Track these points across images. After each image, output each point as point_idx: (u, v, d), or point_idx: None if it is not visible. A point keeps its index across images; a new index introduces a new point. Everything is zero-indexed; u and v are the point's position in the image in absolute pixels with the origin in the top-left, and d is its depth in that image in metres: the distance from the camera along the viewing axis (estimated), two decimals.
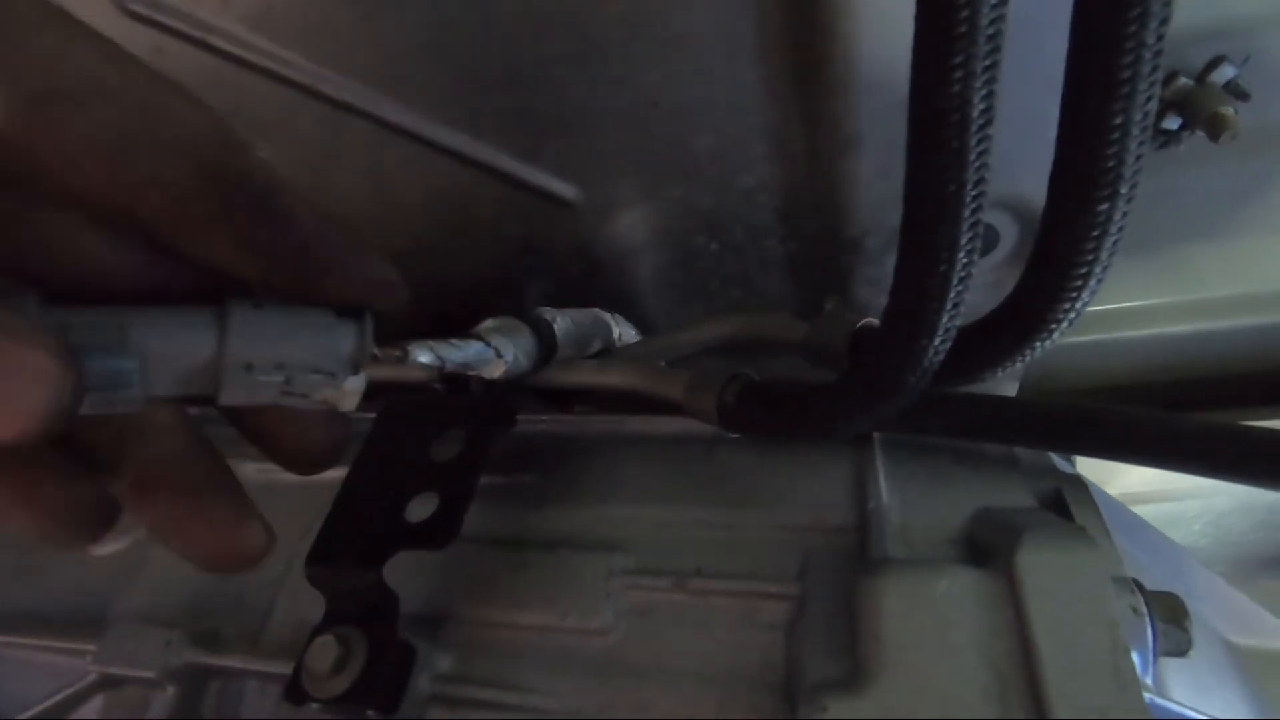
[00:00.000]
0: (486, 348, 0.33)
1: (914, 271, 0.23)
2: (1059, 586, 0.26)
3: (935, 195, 0.22)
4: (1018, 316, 0.26)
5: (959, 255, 0.22)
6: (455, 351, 0.31)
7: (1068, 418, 0.33)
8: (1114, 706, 0.23)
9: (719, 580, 0.35)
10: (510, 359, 0.34)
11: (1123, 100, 0.20)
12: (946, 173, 0.21)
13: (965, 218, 0.22)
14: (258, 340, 0.20)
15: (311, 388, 0.21)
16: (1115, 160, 0.21)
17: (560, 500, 0.41)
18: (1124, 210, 0.22)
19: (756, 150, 0.38)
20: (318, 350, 0.21)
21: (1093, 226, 0.22)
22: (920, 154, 0.22)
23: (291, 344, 0.21)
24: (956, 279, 0.23)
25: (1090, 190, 0.22)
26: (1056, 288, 0.24)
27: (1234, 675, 0.35)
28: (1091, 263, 0.23)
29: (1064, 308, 0.24)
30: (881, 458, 0.38)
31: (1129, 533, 0.39)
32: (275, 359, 0.20)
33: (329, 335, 0.22)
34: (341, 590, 0.33)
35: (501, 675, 0.34)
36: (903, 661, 0.26)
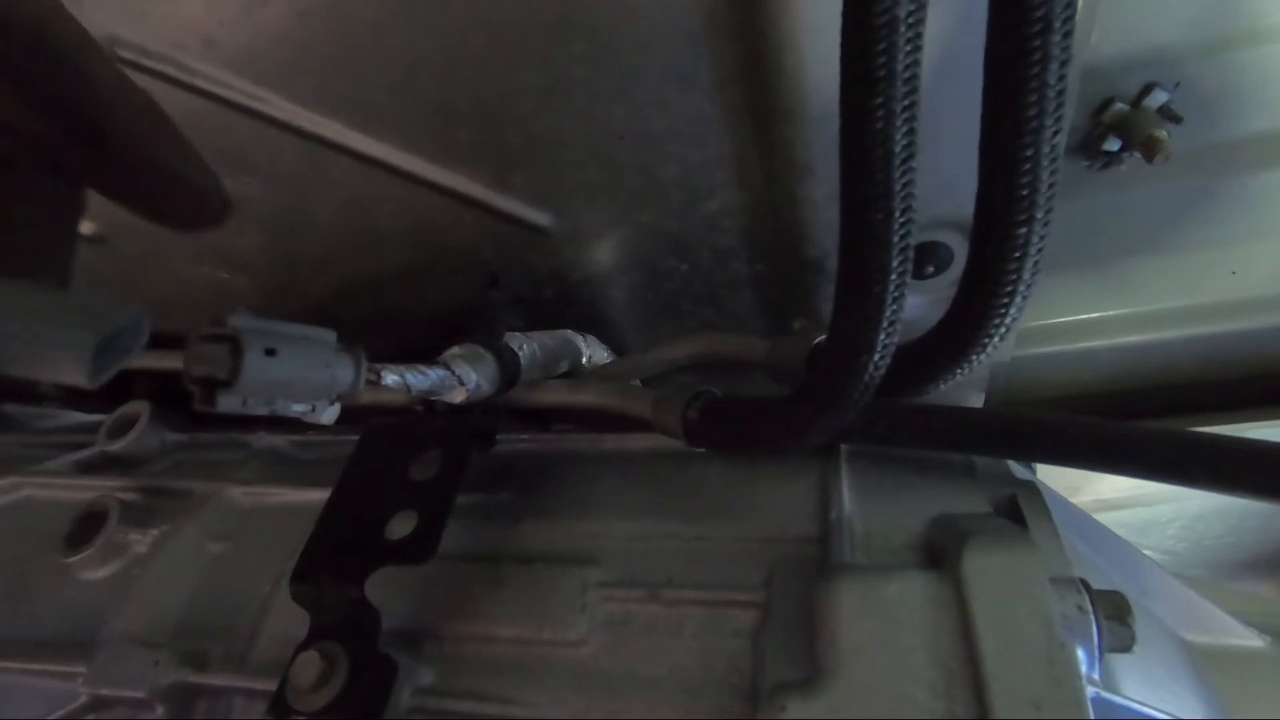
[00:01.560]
0: (450, 374, 0.35)
1: (851, 295, 0.25)
2: (1001, 587, 0.27)
3: (866, 224, 0.23)
4: (954, 334, 0.28)
5: (891, 278, 0.24)
6: (421, 378, 0.32)
7: (1020, 427, 0.34)
8: (1050, 699, 0.24)
9: (689, 590, 0.36)
10: (472, 385, 0.36)
11: (1031, 135, 0.22)
12: (875, 204, 0.23)
13: (894, 244, 0.24)
14: (259, 384, 0.21)
15: (290, 414, 0.23)
16: (1029, 189, 0.23)
17: (537, 516, 0.42)
18: (1041, 234, 0.24)
19: (718, 177, 0.40)
20: (313, 388, 0.23)
21: (1014, 249, 0.24)
22: (850, 187, 0.23)
23: (289, 386, 0.22)
24: (890, 300, 0.24)
25: (1009, 217, 0.24)
26: (986, 307, 0.26)
27: (1186, 671, 0.37)
28: (1015, 282, 0.25)
29: (994, 324, 0.26)
30: (846, 469, 0.39)
31: (1085, 536, 0.41)
32: (269, 398, 0.21)
33: (328, 373, 0.23)
34: (325, 607, 0.34)
35: (481, 688, 0.35)
36: (857, 662, 0.27)
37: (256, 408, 0.21)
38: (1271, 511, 0.71)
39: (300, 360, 0.22)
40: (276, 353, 0.21)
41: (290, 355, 0.22)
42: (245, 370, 0.20)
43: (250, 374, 0.21)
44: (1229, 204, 0.44)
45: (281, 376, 0.21)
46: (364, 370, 0.24)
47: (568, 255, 0.46)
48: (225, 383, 0.20)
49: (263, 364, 0.21)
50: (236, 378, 0.20)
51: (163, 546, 0.45)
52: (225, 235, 0.45)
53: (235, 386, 0.20)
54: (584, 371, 0.46)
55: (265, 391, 0.21)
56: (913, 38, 0.20)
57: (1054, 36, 0.20)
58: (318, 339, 0.23)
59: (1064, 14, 0.20)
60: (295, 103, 0.37)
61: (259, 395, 0.21)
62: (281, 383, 0.21)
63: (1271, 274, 0.47)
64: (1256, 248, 0.46)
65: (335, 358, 0.24)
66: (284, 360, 0.21)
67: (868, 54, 0.21)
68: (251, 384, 0.21)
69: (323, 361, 0.23)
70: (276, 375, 0.21)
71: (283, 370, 0.21)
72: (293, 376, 0.22)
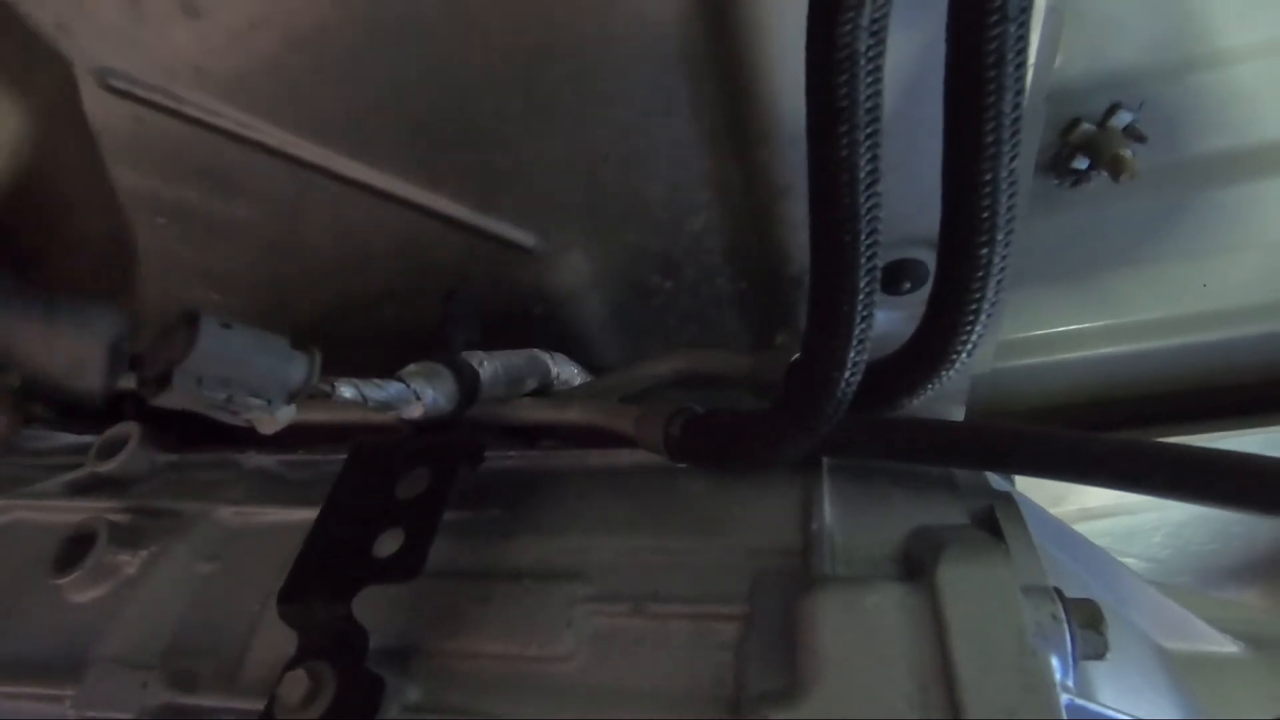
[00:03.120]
0: (406, 389, 0.35)
1: (822, 314, 0.26)
2: (974, 597, 0.28)
3: (834, 246, 0.24)
4: (925, 350, 0.28)
5: (859, 297, 0.25)
6: (378, 391, 0.32)
7: (995, 440, 0.35)
8: (1022, 705, 0.25)
9: (675, 604, 0.36)
10: (430, 401, 0.36)
11: (990, 161, 0.23)
12: (842, 226, 0.24)
13: (861, 264, 0.24)
14: (215, 359, 0.21)
15: (245, 408, 0.23)
16: (989, 212, 0.24)
17: (524, 532, 0.42)
18: (1003, 254, 0.25)
19: (700, 198, 0.41)
20: (267, 379, 0.23)
21: (977, 269, 0.25)
22: (818, 210, 0.24)
23: (245, 369, 0.22)
24: (859, 318, 0.25)
25: (971, 238, 0.25)
26: (953, 324, 0.27)
27: (1163, 677, 0.38)
28: (979, 300, 0.26)
29: (961, 340, 0.27)
30: (827, 482, 0.40)
31: (1063, 545, 0.42)
32: (225, 377, 0.21)
33: (282, 366, 0.23)
34: (313, 625, 0.34)
35: (468, 704, 0.35)
36: (836, 672, 0.28)
37: (212, 391, 0.21)
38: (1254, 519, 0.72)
39: (254, 344, 0.22)
40: (231, 327, 0.21)
41: (244, 335, 0.22)
42: (200, 340, 0.21)
43: (205, 345, 0.21)
44: (1197, 219, 0.45)
45: (235, 355, 0.21)
46: (317, 369, 0.24)
47: (554, 274, 0.47)
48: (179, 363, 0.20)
49: (218, 335, 0.21)
50: (192, 348, 0.20)
51: (152, 567, 0.45)
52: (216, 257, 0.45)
53: (190, 359, 0.20)
54: (555, 388, 0.47)
55: (219, 369, 0.21)
56: (873, 70, 0.21)
57: (1008, 68, 0.21)
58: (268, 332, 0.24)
59: (1017, 46, 0.21)
60: (284, 129, 0.38)
61: (213, 374, 0.21)
62: (235, 361, 0.21)
63: (1241, 286, 0.48)
64: (1226, 261, 0.48)
65: (289, 352, 0.24)
66: (238, 337, 0.22)
67: (830, 85, 0.22)
68: (206, 356, 0.21)
69: (277, 352, 0.23)
70: (231, 351, 0.21)
71: (237, 348, 0.21)
72: (247, 358, 0.22)
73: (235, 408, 0.22)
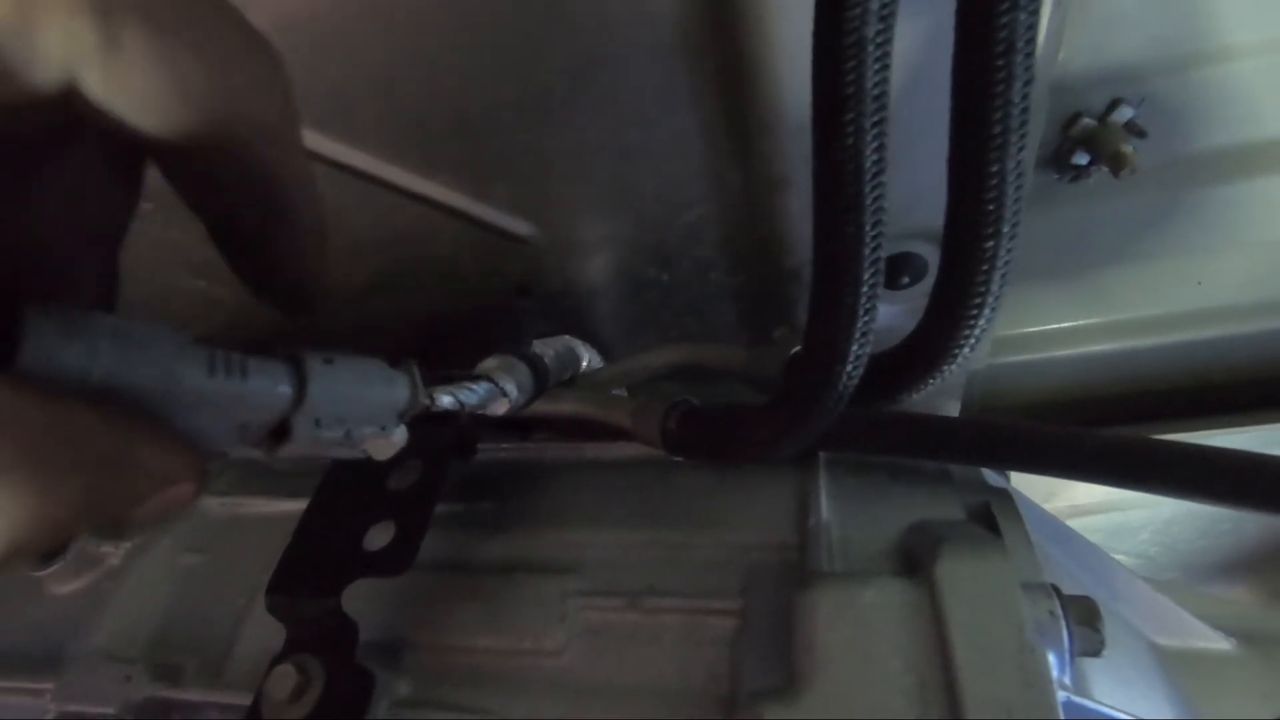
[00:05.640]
0: (494, 387, 0.34)
1: (825, 306, 0.25)
2: (973, 593, 0.28)
3: (837, 237, 0.24)
4: (926, 344, 0.28)
5: (862, 289, 0.24)
6: (471, 395, 0.32)
7: (992, 435, 0.35)
8: (1020, 702, 0.25)
9: (669, 598, 0.36)
10: (514, 396, 0.35)
11: (997, 152, 0.23)
12: (846, 216, 0.23)
13: (865, 256, 0.24)
14: (329, 398, 0.20)
15: (363, 440, 0.22)
16: (995, 204, 0.23)
17: (517, 525, 0.42)
18: (1008, 247, 0.24)
19: (697, 189, 0.40)
20: (378, 405, 0.22)
21: (982, 262, 0.25)
22: (823, 200, 0.24)
23: (356, 400, 0.21)
24: (862, 311, 0.25)
25: (977, 231, 0.24)
26: (956, 318, 0.26)
27: (1156, 673, 0.38)
28: (984, 294, 0.25)
29: (964, 334, 0.27)
30: (824, 476, 0.40)
31: (1058, 542, 0.42)
32: (340, 415, 0.20)
33: (388, 389, 0.22)
34: (301, 619, 0.34)
35: (459, 699, 0.35)
36: (832, 669, 0.28)
37: (331, 431, 0.20)
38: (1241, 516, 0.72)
39: (356, 373, 0.21)
40: (333, 361, 0.20)
41: (348, 367, 0.21)
42: (312, 385, 0.19)
43: (317, 388, 0.19)
44: (1193, 216, 0.45)
45: (345, 391, 0.20)
46: (420, 384, 0.24)
47: (548, 265, 0.46)
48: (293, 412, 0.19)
49: (325, 373, 0.20)
50: (304, 398, 0.19)
51: (136, 559, 0.44)
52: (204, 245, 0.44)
53: (304, 405, 0.19)
54: (582, 379, 0.46)
55: (334, 409, 0.20)
56: (880, 57, 0.21)
57: (1017, 57, 0.21)
58: (364, 357, 0.22)
59: (1026, 35, 0.21)
60: None
61: (329, 413, 0.20)
62: (346, 399, 0.20)
63: (1235, 284, 0.48)
64: (1220, 259, 0.48)
65: (390, 373, 0.23)
66: (342, 371, 0.20)
67: (838, 73, 0.21)
68: (321, 400, 0.19)
69: (379, 375, 0.22)
70: (341, 389, 0.20)
71: (344, 383, 0.20)
72: (356, 392, 0.21)
73: (353, 441, 0.21)
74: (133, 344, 0.16)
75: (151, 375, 0.16)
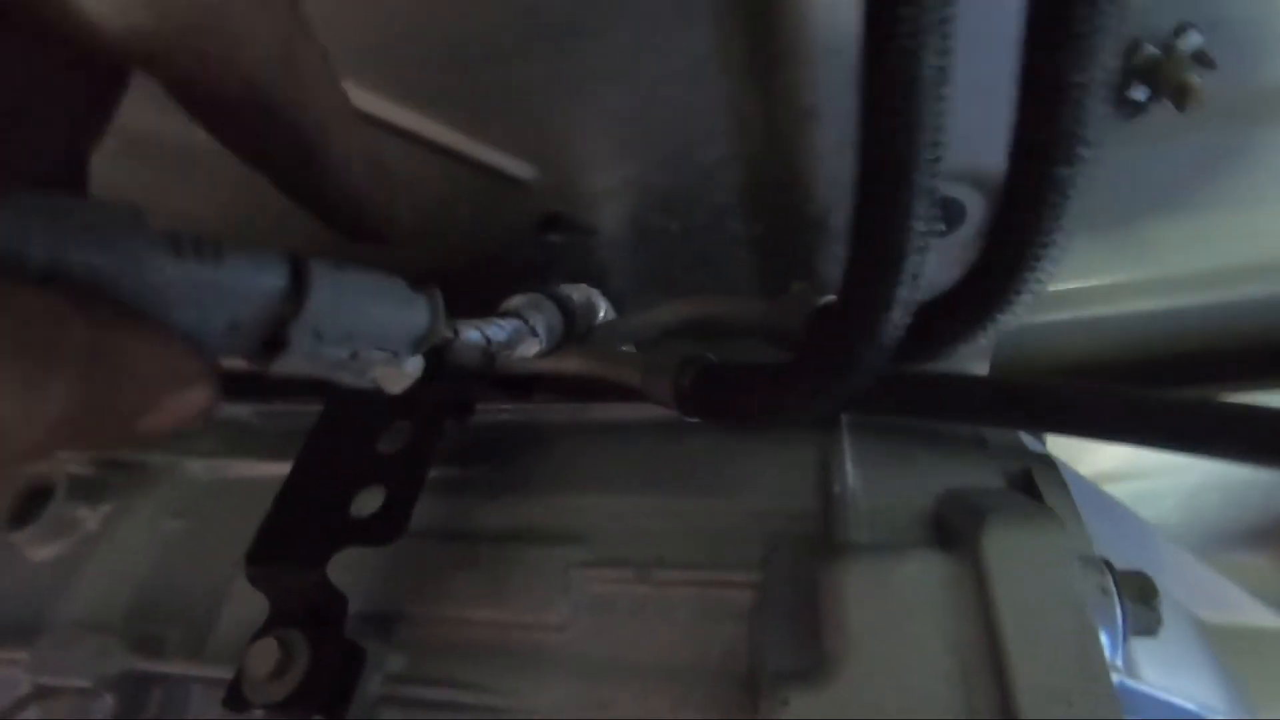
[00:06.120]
0: (524, 325, 0.31)
1: (869, 242, 0.22)
2: (1024, 568, 0.25)
3: (888, 159, 0.20)
4: (980, 288, 0.25)
5: (914, 223, 0.21)
6: (499, 330, 0.28)
7: (1037, 396, 0.32)
8: (1079, 690, 0.22)
9: (681, 570, 0.33)
10: (544, 337, 0.32)
11: (1083, 56, 0.19)
12: (898, 135, 0.20)
13: (919, 183, 0.21)
14: (334, 308, 0.17)
15: (371, 365, 0.19)
16: (1076, 122, 0.20)
17: (518, 491, 0.39)
18: (1085, 175, 0.21)
19: (714, 125, 0.36)
20: (390, 326, 0.19)
21: (1055, 192, 0.21)
22: (871, 115, 0.20)
23: (366, 316, 0.18)
24: (914, 248, 0.21)
25: (1052, 154, 0.21)
26: (1019, 257, 0.23)
27: (1203, 653, 0.35)
28: (1053, 230, 0.22)
29: (1027, 277, 0.23)
30: (848, 440, 0.37)
31: (1098, 512, 0.39)
32: (346, 330, 0.18)
33: (405, 311, 0.20)
34: (284, 591, 0.31)
35: (456, 674, 0.33)
36: (865, 650, 0.25)
37: (334, 348, 0.17)
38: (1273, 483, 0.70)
39: (369, 284, 0.18)
40: (344, 268, 0.17)
41: (360, 278, 0.18)
42: (314, 288, 0.17)
43: (320, 295, 0.17)
44: (1256, 159, 0.41)
45: (354, 304, 0.18)
46: (441, 311, 0.21)
47: (552, 211, 0.43)
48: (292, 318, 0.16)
49: (333, 280, 0.17)
50: (304, 300, 0.16)
51: (115, 523, 0.42)
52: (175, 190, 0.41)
53: (303, 314, 0.16)
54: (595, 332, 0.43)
55: (338, 322, 0.17)
56: None
57: None
58: (385, 274, 0.20)
59: None
60: None
61: (332, 327, 0.17)
62: (355, 313, 0.18)
63: None
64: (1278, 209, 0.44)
65: (408, 294, 0.20)
66: (352, 281, 0.18)
67: None
68: (324, 308, 0.17)
69: (395, 295, 0.19)
70: (349, 300, 0.18)
71: (354, 294, 0.18)
72: (365, 305, 0.18)
73: (361, 365, 0.19)
74: (73, 222, 0.13)
75: (104, 258, 0.14)
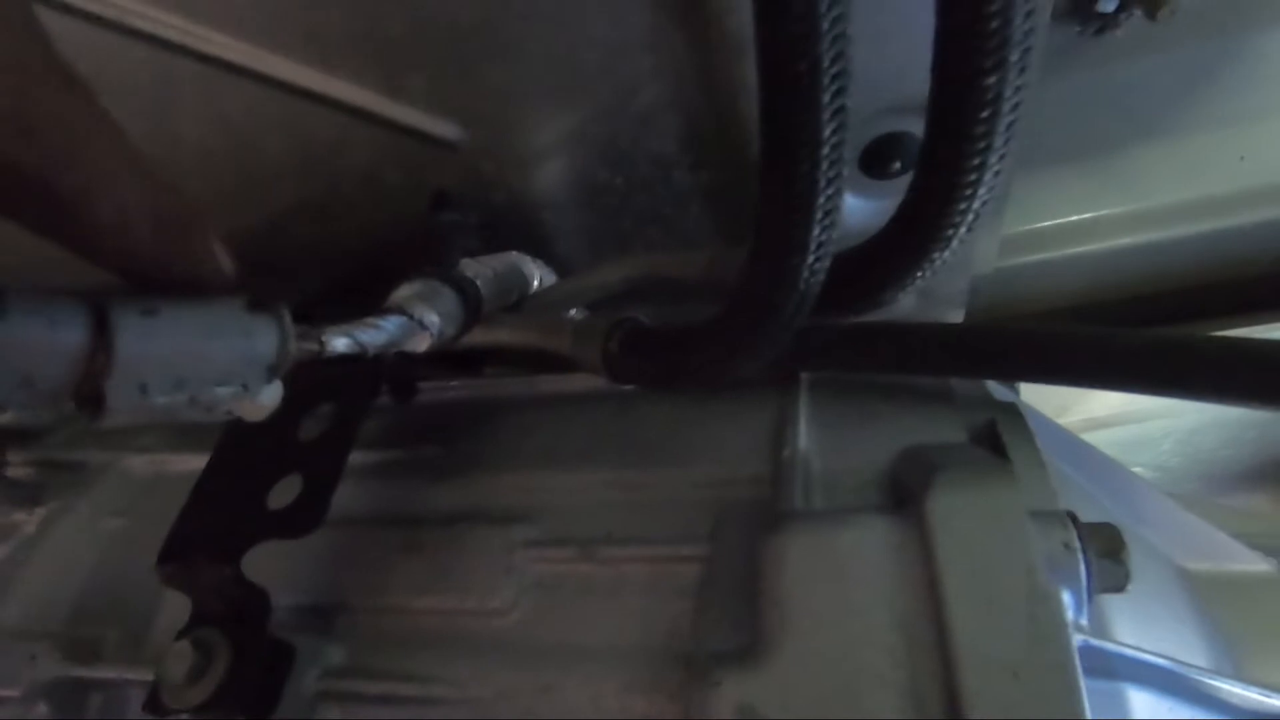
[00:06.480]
0: (409, 320, 0.28)
1: (775, 179, 0.19)
2: (973, 529, 0.23)
3: (787, 81, 0.18)
4: (912, 224, 0.22)
5: (821, 150, 0.18)
6: (375, 333, 0.26)
7: (1005, 341, 0.29)
8: (1029, 660, 0.20)
9: (629, 546, 0.32)
10: (436, 329, 0.29)
11: None
12: (797, 49, 0.17)
13: (825, 104, 0.18)
14: (154, 356, 0.16)
15: (218, 403, 0.18)
16: (999, 20, 0.17)
17: (461, 471, 0.37)
18: (1016, 84, 0.18)
19: (643, 64, 0.34)
20: (230, 360, 0.17)
21: (982, 103, 0.19)
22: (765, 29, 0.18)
23: (197, 355, 0.17)
24: (823, 179, 0.19)
25: (976, 60, 0.18)
26: (949, 184, 0.20)
27: (1185, 603, 0.33)
28: (985, 150, 0.19)
29: (959, 207, 0.21)
30: (805, 400, 0.35)
31: (1072, 461, 0.37)
32: (176, 376, 0.16)
33: (245, 340, 0.18)
34: (201, 589, 0.30)
35: (397, 666, 0.31)
36: (804, 627, 0.23)
37: (165, 394, 0.16)
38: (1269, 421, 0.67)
39: (194, 321, 0.17)
40: (157, 312, 0.16)
41: (176, 315, 0.16)
42: (121, 340, 0.15)
43: (131, 344, 0.15)
44: (1238, 74, 0.38)
45: (175, 346, 0.16)
46: (289, 330, 0.19)
47: (486, 173, 0.40)
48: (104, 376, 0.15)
49: (144, 328, 0.15)
50: (111, 354, 0.15)
51: (52, 525, 0.41)
52: None
53: (114, 369, 0.15)
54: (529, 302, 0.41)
55: (162, 369, 0.16)
56: None
57: None
58: (212, 298, 0.18)
59: None
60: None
61: (157, 375, 0.16)
62: (183, 356, 0.16)
63: None
64: (1268, 127, 0.41)
65: (246, 319, 0.18)
66: (169, 321, 0.16)
67: None
68: (142, 359, 0.15)
69: (230, 322, 0.17)
70: (168, 344, 0.16)
71: (174, 337, 0.16)
72: (193, 346, 0.17)
73: (205, 405, 0.17)
74: None
75: None
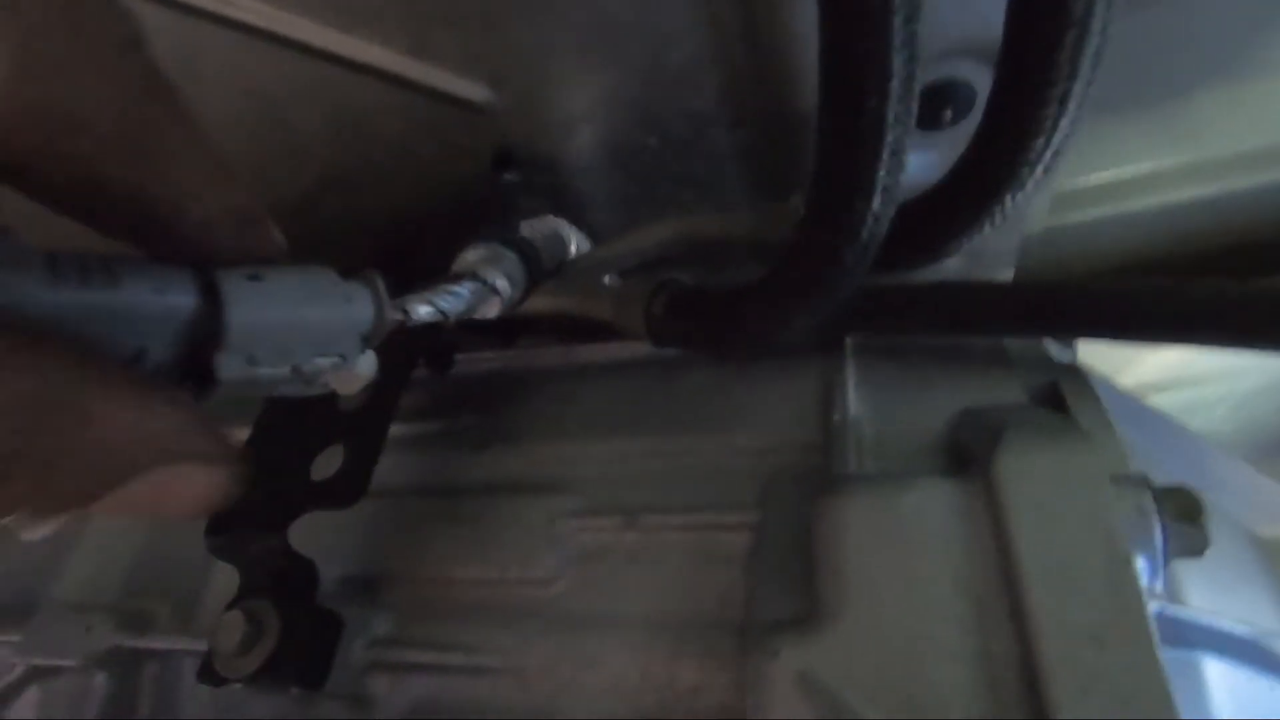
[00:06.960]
0: (482, 285, 0.28)
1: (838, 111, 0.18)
2: (1046, 491, 0.22)
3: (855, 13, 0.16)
4: (980, 172, 0.21)
5: (891, 85, 0.17)
6: (454, 299, 0.25)
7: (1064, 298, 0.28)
8: (1111, 627, 0.19)
9: (674, 514, 0.31)
10: (506, 293, 0.29)
11: None
12: None
13: (895, 40, 0.17)
14: (262, 325, 0.15)
15: (318, 374, 0.17)
16: None
17: (503, 442, 0.37)
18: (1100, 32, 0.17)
19: (681, 18, 0.32)
20: (331, 328, 0.17)
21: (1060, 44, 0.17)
22: None
23: (301, 324, 0.16)
24: (892, 118, 0.18)
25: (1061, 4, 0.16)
26: (1022, 129, 0.19)
27: (1259, 571, 0.32)
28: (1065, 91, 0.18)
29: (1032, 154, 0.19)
30: (852, 364, 0.33)
31: (1137, 423, 0.35)
32: (281, 345, 0.16)
33: (344, 307, 0.17)
34: (249, 560, 0.30)
35: (444, 636, 0.31)
36: (865, 594, 0.22)
37: (271, 365, 0.16)
38: None
39: (298, 290, 0.16)
40: (263, 278, 0.15)
41: (281, 281, 0.16)
42: (231, 308, 0.15)
43: (242, 312, 0.15)
44: None
45: (282, 313, 0.16)
46: (384, 296, 0.18)
47: (517, 137, 0.39)
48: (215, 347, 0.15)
49: (252, 295, 0.15)
50: (221, 318, 0.15)
51: None
52: None
53: (227, 339, 0.15)
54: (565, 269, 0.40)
55: (270, 337, 0.16)
56: None
57: None
58: (306, 265, 0.17)
59: None
60: None
61: (265, 344, 0.15)
62: (286, 322, 0.16)
63: None
64: None
65: (343, 285, 0.18)
66: (277, 289, 0.16)
67: None
68: (251, 327, 0.15)
69: (329, 289, 0.17)
70: (275, 311, 0.16)
71: (280, 304, 0.16)
72: (298, 313, 0.16)
73: (306, 377, 0.17)
74: None
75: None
